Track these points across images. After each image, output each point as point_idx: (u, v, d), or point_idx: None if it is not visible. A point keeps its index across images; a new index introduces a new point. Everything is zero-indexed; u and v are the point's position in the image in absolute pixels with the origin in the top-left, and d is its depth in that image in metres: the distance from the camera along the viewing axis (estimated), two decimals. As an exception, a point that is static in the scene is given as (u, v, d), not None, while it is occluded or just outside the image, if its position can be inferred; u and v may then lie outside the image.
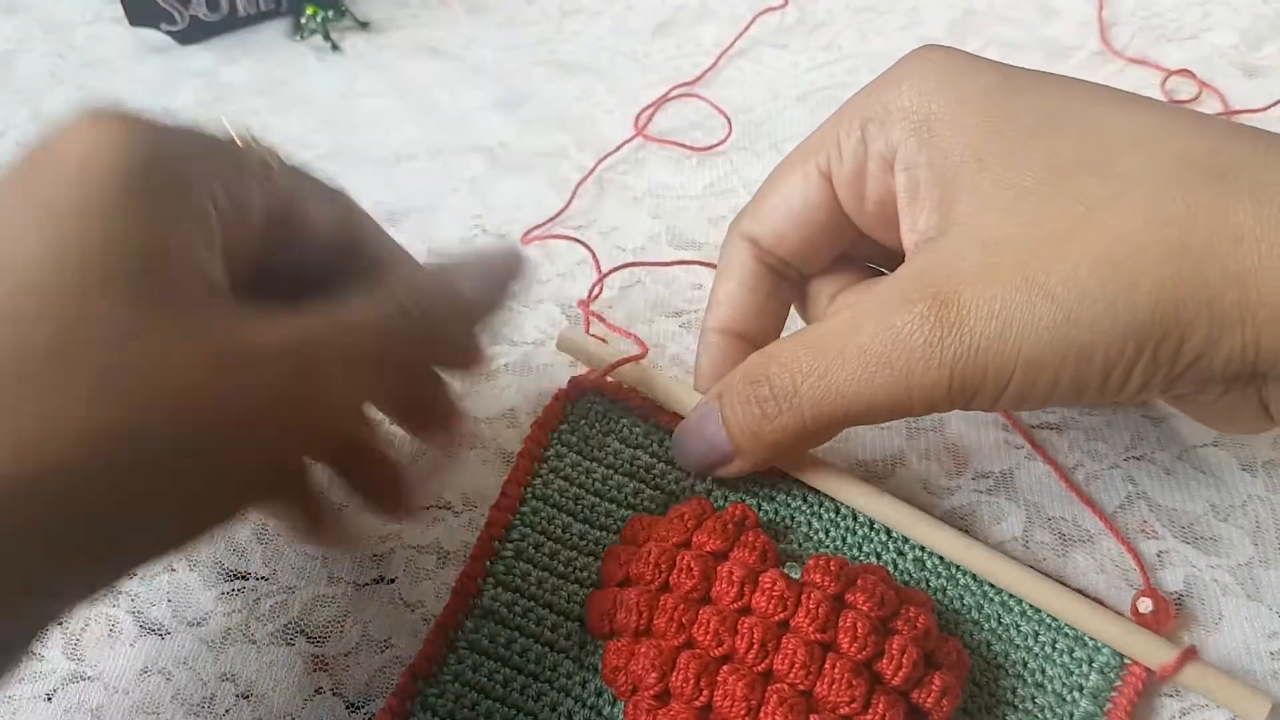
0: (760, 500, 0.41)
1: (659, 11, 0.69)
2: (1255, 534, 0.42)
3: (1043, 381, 0.33)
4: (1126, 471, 0.44)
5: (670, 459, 0.42)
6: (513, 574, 0.39)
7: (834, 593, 0.35)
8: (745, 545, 0.36)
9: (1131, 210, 0.32)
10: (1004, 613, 0.39)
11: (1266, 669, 0.38)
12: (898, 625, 0.35)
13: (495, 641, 0.38)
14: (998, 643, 0.38)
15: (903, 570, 0.39)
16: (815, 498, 0.41)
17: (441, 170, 0.60)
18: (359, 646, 0.40)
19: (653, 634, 0.35)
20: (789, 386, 0.36)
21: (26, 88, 0.67)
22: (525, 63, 0.67)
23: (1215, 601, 0.40)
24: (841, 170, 0.38)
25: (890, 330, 0.33)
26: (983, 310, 0.32)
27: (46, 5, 0.73)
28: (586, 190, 0.58)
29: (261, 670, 0.39)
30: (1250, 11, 0.65)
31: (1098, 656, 0.38)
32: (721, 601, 0.35)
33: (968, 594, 0.39)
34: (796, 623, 0.34)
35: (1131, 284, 0.31)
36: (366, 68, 0.67)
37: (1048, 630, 0.38)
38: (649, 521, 0.39)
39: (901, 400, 0.34)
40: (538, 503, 0.41)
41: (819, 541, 0.40)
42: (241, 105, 0.65)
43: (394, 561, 0.42)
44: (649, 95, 0.63)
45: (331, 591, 0.41)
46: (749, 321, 0.42)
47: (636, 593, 0.35)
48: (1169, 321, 0.31)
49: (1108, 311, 0.31)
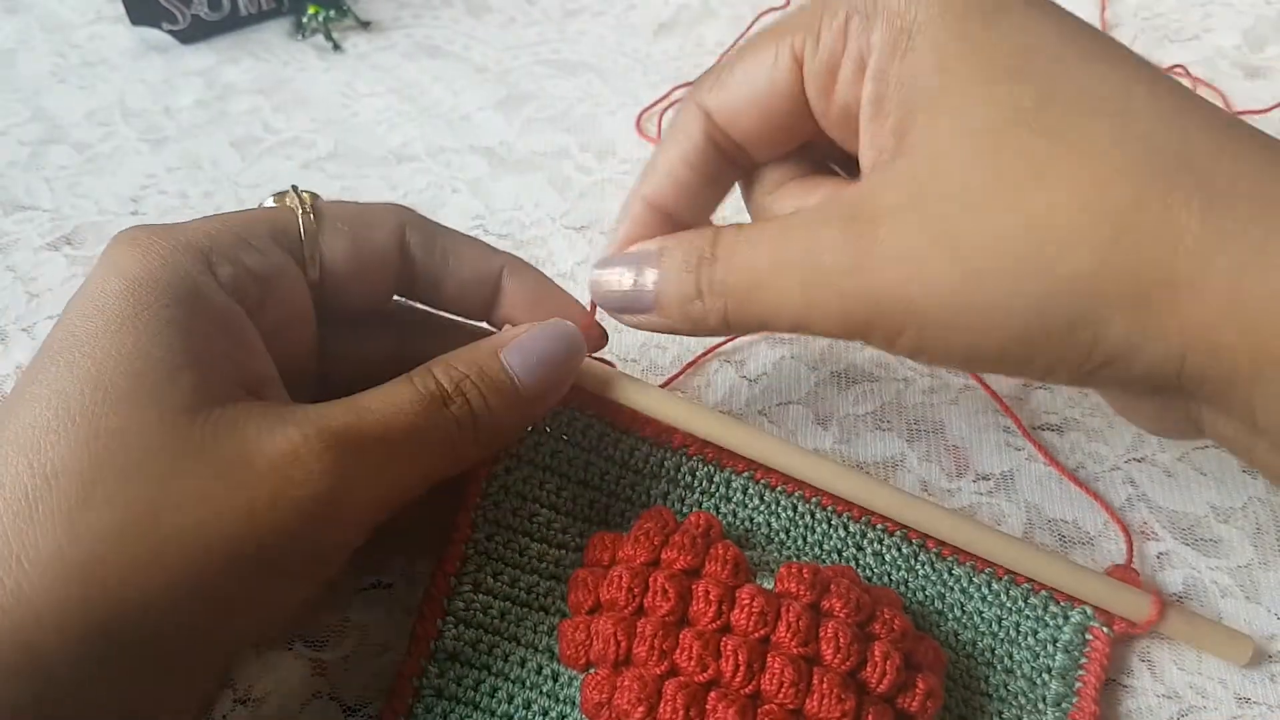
0: (718, 502, 0.39)
1: (661, 11, 0.69)
2: (1255, 536, 0.42)
3: (933, 340, 0.31)
4: (1127, 473, 0.44)
5: (626, 462, 0.40)
6: (473, 609, 0.37)
7: (810, 601, 0.34)
8: (716, 559, 0.34)
9: (1073, 185, 0.29)
10: (965, 600, 0.38)
11: (1265, 671, 0.38)
12: (875, 629, 0.34)
13: (463, 685, 0.36)
14: (964, 631, 0.38)
15: (864, 566, 0.39)
16: (772, 495, 0.39)
17: (443, 170, 0.60)
18: (357, 651, 0.40)
19: (633, 663, 0.33)
20: (724, 272, 0.34)
21: (28, 86, 0.67)
22: (527, 62, 0.67)
23: (1214, 603, 0.40)
24: (814, 61, 0.35)
25: (809, 243, 0.32)
26: (890, 252, 0.31)
27: (48, 4, 0.73)
28: (588, 191, 0.58)
29: (259, 675, 0.39)
30: (1253, 12, 0.65)
31: (1061, 635, 0.37)
32: (700, 622, 0.33)
33: (929, 584, 0.38)
34: (778, 638, 0.33)
35: (1048, 266, 0.29)
36: (368, 67, 0.67)
37: (1010, 614, 0.38)
38: (612, 539, 0.37)
39: (801, 317, 0.33)
40: (491, 527, 0.38)
41: (781, 542, 0.39)
42: (242, 104, 0.65)
43: (392, 565, 0.42)
44: (651, 95, 0.63)
45: (330, 596, 0.41)
46: (682, 199, 0.39)
47: (611, 620, 0.33)
48: (1080, 314, 0.29)
49: (1014, 287, 0.29)
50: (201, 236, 0.34)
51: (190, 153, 0.62)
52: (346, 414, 0.32)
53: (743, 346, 0.50)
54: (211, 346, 0.32)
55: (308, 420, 0.31)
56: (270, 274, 0.35)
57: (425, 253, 0.38)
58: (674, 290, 0.35)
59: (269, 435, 0.30)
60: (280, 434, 0.30)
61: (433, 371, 0.34)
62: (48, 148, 0.63)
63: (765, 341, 0.50)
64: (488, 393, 0.35)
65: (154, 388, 0.30)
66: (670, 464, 0.40)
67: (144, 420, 0.29)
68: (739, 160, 0.39)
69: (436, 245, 0.39)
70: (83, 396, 0.29)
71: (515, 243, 0.55)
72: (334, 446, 0.31)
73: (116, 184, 0.60)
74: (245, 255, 0.34)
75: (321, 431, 0.31)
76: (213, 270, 0.33)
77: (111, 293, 0.31)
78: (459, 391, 0.34)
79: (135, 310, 0.31)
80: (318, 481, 0.30)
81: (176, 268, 0.32)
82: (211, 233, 0.34)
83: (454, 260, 0.39)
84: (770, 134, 0.37)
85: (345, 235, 0.37)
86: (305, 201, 0.37)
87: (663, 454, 0.40)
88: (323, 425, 0.31)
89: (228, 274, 0.34)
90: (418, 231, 0.38)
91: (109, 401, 0.29)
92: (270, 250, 0.35)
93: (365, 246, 0.37)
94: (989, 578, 0.38)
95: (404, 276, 0.39)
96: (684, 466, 0.40)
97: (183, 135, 0.63)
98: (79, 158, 0.62)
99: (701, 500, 0.40)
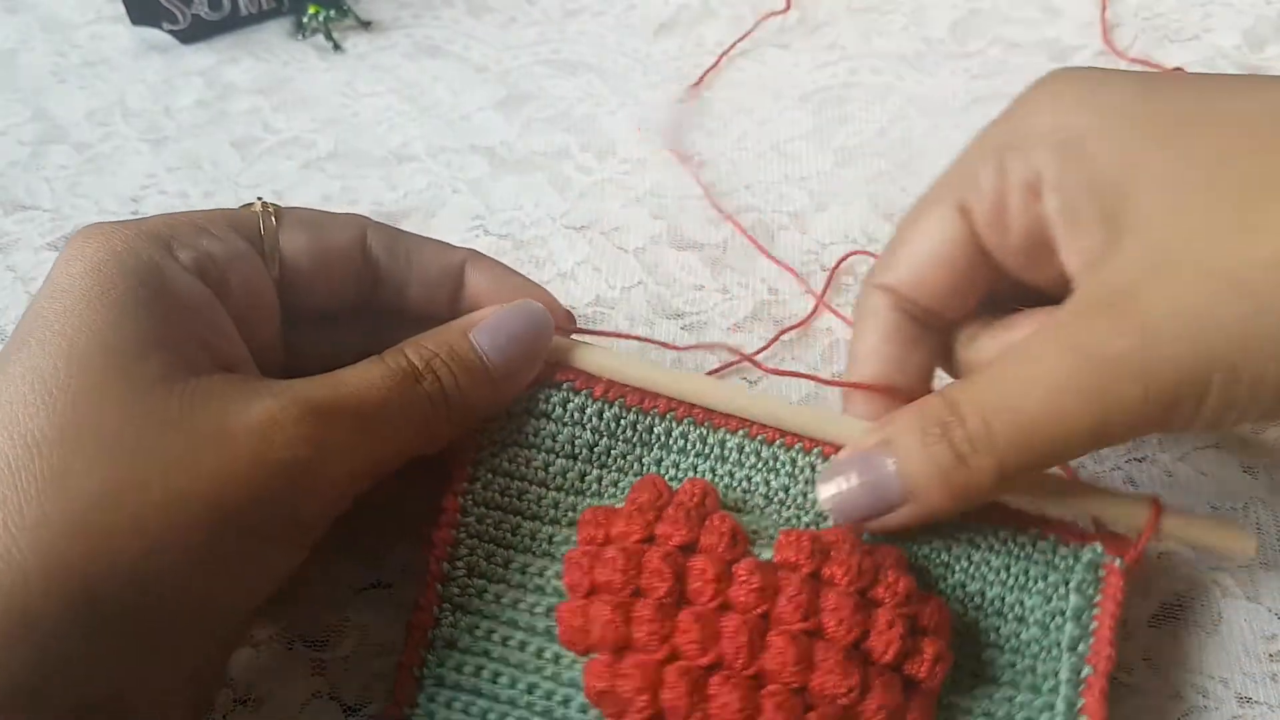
0: (713, 463, 0.38)
1: (661, 11, 0.69)
2: (1256, 536, 0.42)
3: (1246, 385, 0.30)
4: (1128, 473, 0.44)
5: (613, 432, 0.38)
6: (468, 594, 0.37)
7: (810, 570, 0.33)
8: (712, 531, 0.34)
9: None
10: (972, 550, 0.37)
11: (1265, 670, 0.38)
12: (878, 594, 0.33)
13: (464, 672, 0.36)
14: (972, 582, 0.37)
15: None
16: (769, 451, 0.38)
17: (443, 170, 0.60)
18: (357, 650, 0.40)
19: (633, 648, 0.33)
20: (980, 426, 0.32)
21: (28, 86, 0.67)
22: (527, 62, 0.67)
23: (1215, 603, 0.40)
24: (981, 204, 0.36)
25: (1075, 351, 0.31)
26: (1162, 307, 0.30)
27: (48, 4, 0.73)
28: (588, 191, 0.58)
29: (259, 675, 0.39)
30: (1253, 12, 0.64)
31: (1072, 576, 0.36)
32: (699, 601, 0.33)
33: (934, 536, 0.37)
34: (778, 612, 0.32)
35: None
36: (368, 67, 0.67)
37: (1018, 560, 0.37)
38: (605, 515, 0.36)
39: (1099, 425, 0.31)
40: (480, 509, 0.37)
41: (781, 501, 0.38)
42: (242, 104, 0.65)
43: (391, 565, 0.42)
44: (651, 95, 0.63)
45: (329, 596, 0.41)
46: (895, 376, 0.39)
47: (609, 605, 0.33)
48: None
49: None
50: (161, 226, 0.35)
51: (190, 153, 0.62)
52: (322, 387, 0.33)
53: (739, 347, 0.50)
54: (181, 324, 0.33)
55: (285, 392, 0.32)
56: (230, 258, 0.36)
57: (388, 254, 0.39)
58: (927, 469, 0.33)
59: (246, 404, 0.31)
60: (258, 403, 0.31)
61: (404, 350, 0.35)
62: (48, 147, 0.63)
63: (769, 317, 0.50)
64: (458, 371, 0.35)
65: (128, 361, 0.30)
66: (660, 429, 0.39)
67: (121, 391, 0.30)
68: (931, 323, 0.39)
69: (399, 246, 0.40)
70: (57, 371, 0.30)
71: (515, 242, 0.55)
72: (311, 415, 0.32)
73: (117, 184, 0.60)
74: (205, 241, 0.35)
75: (298, 400, 0.32)
76: (174, 255, 0.34)
77: (76, 273, 0.32)
78: (429, 369, 0.35)
79: (102, 288, 0.32)
80: (297, 447, 0.31)
81: (138, 252, 0.33)
82: (171, 223, 0.35)
83: (416, 258, 0.40)
84: (956, 287, 0.38)
85: (304, 233, 0.38)
86: (268, 207, 0.38)
87: (650, 419, 0.39)
88: (300, 396, 0.32)
89: (189, 258, 0.34)
90: (379, 234, 0.39)
91: (85, 374, 0.30)
92: (229, 237, 0.36)
93: (325, 244, 0.38)
94: (995, 527, 0.37)
95: (366, 279, 0.39)
96: (675, 430, 0.39)
97: (183, 135, 0.63)
98: (79, 158, 0.62)
99: (696, 464, 0.38)
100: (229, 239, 0.36)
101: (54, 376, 0.30)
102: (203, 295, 0.34)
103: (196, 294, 0.34)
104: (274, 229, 0.37)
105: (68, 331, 0.31)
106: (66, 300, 0.31)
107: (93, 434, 0.29)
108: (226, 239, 0.36)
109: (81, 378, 0.30)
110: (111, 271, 0.32)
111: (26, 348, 0.31)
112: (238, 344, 0.35)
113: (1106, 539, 0.36)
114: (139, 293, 0.32)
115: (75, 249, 0.33)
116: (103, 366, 0.30)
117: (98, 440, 0.29)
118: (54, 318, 0.31)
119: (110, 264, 0.32)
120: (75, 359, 0.30)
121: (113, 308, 0.31)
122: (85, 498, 0.28)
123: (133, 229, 0.34)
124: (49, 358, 0.30)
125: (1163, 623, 0.40)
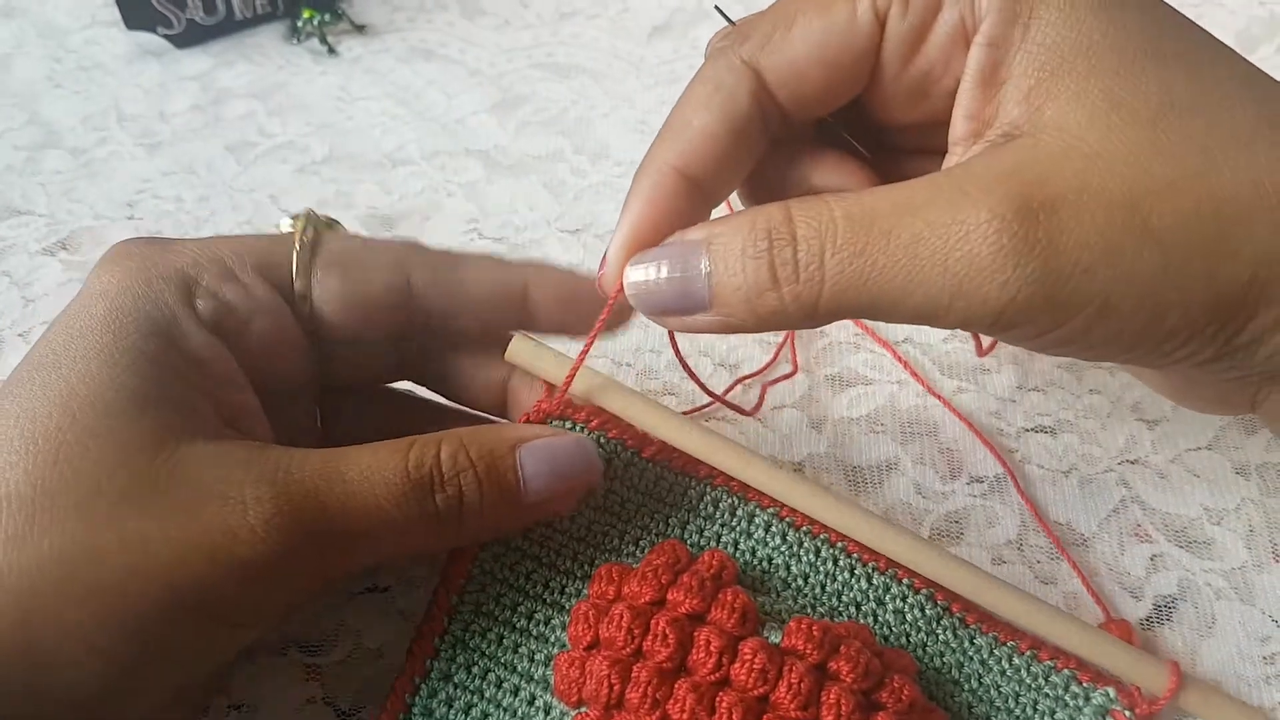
0: (738, 536, 0.38)
1: (655, 14, 0.69)
2: (1249, 538, 0.42)
3: (1101, 332, 0.30)
4: (1120, 475, 0.44)
5: (649, 490, 0.38)
6: (471, 632, 0.36)
7: (816, 661, 0.32)
8: (724, 606, 0.33)
9: (1243, 171, 0.29)
10: (984, 672, 0.37)
11: (1259, 674, 0.38)
12: (883, 698, 0.32)
13: (454, 708, 0.35)
14: (979, 705, 0.36)
15: (883, 623, 0.37)
16: (795, 536, 0.38)
17: (437, 174, 0.60)
18: (352, 655, 0.40)
19: (625, 708, 0.32)
20: (815, 255, 0.30)
21: (24, 91, 0.67)
22: (521, 66, 0.67)
23: (1209, 605, 0.40)
24: (902, 23, 0.32)
25: (959, 225, 0.29)
26: (1078, 237, 0.28)
27: (43, 9, 0.73)
28: (583, 194, 0.58)
29: (254, 680, 0.39)
30: (1245, 13, 0.65)
31: (1079, 718, 0.36)
32: (699, 672, 0.32)
33: (948, 651, 0.37)
34: (777, 698, 0.31)
35: (1234, 251, 0.28)
36: (362, 71, 0.67)
37: (1028, 691, 0.36)
38: (620, 572, 0.35)
39: (938, 308, 0.30)
40: (499, 547, 0.37)
41: (798, 589, 0.37)
42: (237, 109, 0.65)
43: (386, 570, 0.42)
44: (645, 98, 0.63)
45: (325, 601, 0.41)
46: (715, 169, 0.34)
47: (607, 661, 0.32)
48: (1251, 298, 0.29)
49: (1205, 274, 0.28)
50: (188, 265, 0.34)
51: (185, 157, 0.62)
52: (317, 477, 0.31)
53: (737, 347, 0.50)
54: (185, 380, 0.32)
55: (273, 476, 0.30)
56: (253, 310, 0.35)
57: (434, 290, 0.37)
58: (737, 281, 0.31)
59: (224, 485, 0.30)
60: (236, 487, 0.30)
61: (440, 448, 0.33)
62: (43, 153, 0.63)
63: (757, 344, 0.50)
64: (488, 489, 0.33)
65: (120, 422, 0.30)
66: (694, 492, 0.38)
67: (104, 453, 0.29)
68: (771, 126, 0.35)
69: (447, 281, 0.37)
70: (50, 419, 0.30)
71: (510, 246, 0.56)
72: (287, 513, 0.30)
73: (112, 189, 0.60)
74: (228, 290, 0.34)
75: (280, 495, 0.30)
76: (193, 302, 0.34)
77: (97, 316, 0.32)
78: (453, 480, 0.32)
79: (114, 339, 0.31)
80: (262, 544, 0.29)
81: (159, 300, 0.33)
82: (198, 261, 0.34)
83: (468, 290, 0.37)
84: (825, 98, 0.35)
85: (340, 278, 0.36)
86: (309, 233, 0.36)
87: (687, 482, 0.38)
88: (285, 486, 0.30)
89: (208, 308, 0.34)
90: (424, 270, 0.37)
91: (74, 429, 0.29)
92: (255, 284, 0.35)
93: (360, 290, 0.36)
94: (1010, 651, 0.37)
95: (409, 316, 0.37)
96: (707, 496, 0.38)
97: (178, 140, 0.63)
98: (74, 162, 0.62)
99: (721, 533, 0.38)
100: (255, 288, 0.35)
101: (44, 424, 0.29)
102: (213, 349, 0.34)
103: (207, 348, 0.33)
104: (307, 265, 0.36)
105: (71, 379, 0.30)
106: (80, 345, 0.31)
107: (65, 495, 0.29)
108: (253, 287, 0.35)
109: (71, 433, 0.29)
110: (128, 322, 0.32)
111: (30, 385, 0.30)
112: (246, 394, 0.35)
113: (1120, 686, 0.36)
114: (149, 346, 0.32)
115: (104, 280, 0.33)
116: (93, 426, 0.30)
117: (68, 503, 0.29)
118: (64, 360, 0.31)
119: (129, 314, 0.32)
120: (71, 411, 0.30)
121: (119, 363, 0.31)
122: (41, 562, 0.28)
123: (162, 267, 0.34)
124: (46, 403, 0.30)
125: (1156, 625, 0.40)
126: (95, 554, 0.28)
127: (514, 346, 0.38)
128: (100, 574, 0.28)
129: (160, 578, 0.29)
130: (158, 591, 0.29)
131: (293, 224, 0.37)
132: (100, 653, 0.28)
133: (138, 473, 0.29)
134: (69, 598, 0.28)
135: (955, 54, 0.32)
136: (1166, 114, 0.29)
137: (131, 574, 0.28)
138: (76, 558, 0.28)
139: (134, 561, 0.28)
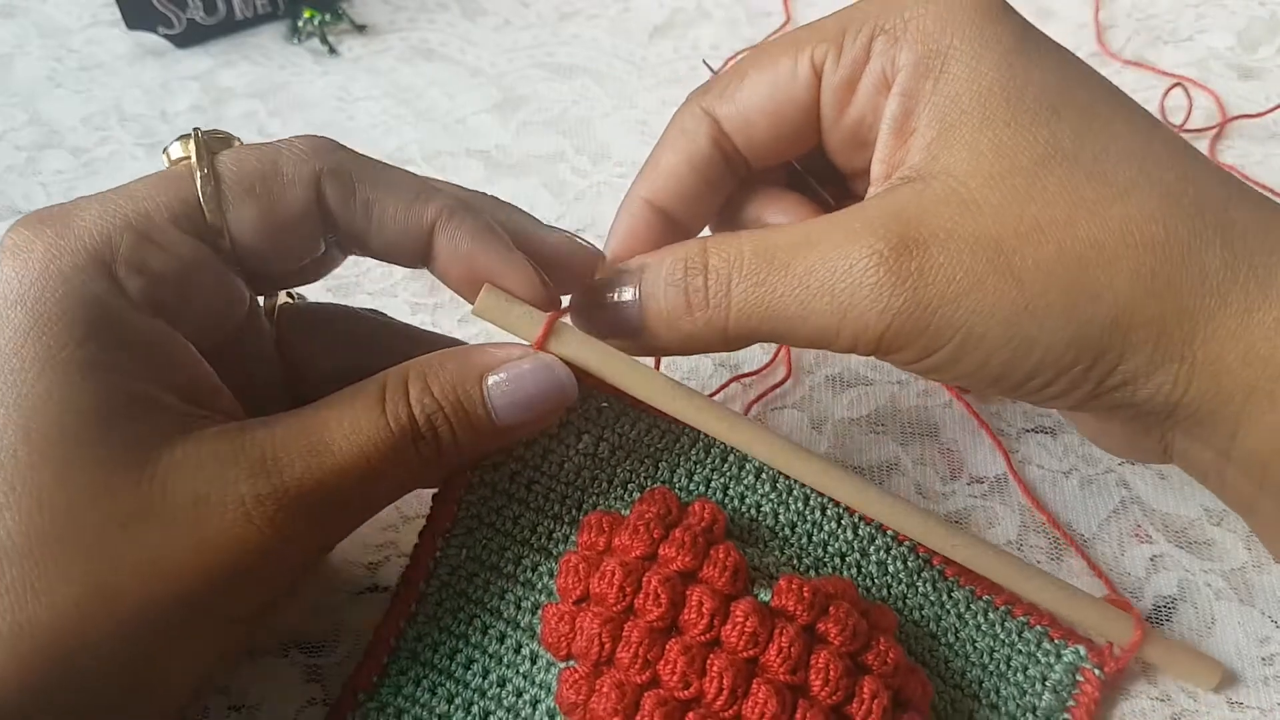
0: (727, 481, 0.38)
1: (655, 15, 0.69)
2: (1248, 538, 0.42)
3: (970, 361, 0.32)
4: (1120, 476, 0.44)
5: (633, 435, 0.38)
6: (457, 576, 0.36)
7: (806, 623, 0.33)
8: (715, 563, 0.33)
9: (1113, 221, 0.31)
10: (960, 625, 0.37)
11: (1258, 674, 0.38)
12: (869, 660, 0.33)
13: (439, 652, 0.36)
14: (955, 659, 0.37)
15: (866, 574, 0.38)
16: (784, 484, 0.38)
17: (438, 173, 0.60)
18: (352, 656, 0.40)
19: (615, 666, 0.32)
20: (723, 284, 0.33)
21: (24, 91, 0.67)
22: (522, 65, 0.67)
23: (1208, 606, 0.40)
24: (834, 75, 0.36)
25: (844, 259, 0.32)
26: (945, 273, 0.31)
27: (44, 8, 0.73)
28: (584, 194, 0.58)
29: (254, 682, 0.39)
30: (1246, 13, 0.65)
31: (1051, 674, 0.37)
32: (690, 632, 0.32)
33: (927, 604, 0.38)
34: (767, 660, 0.31)
35: (1095, 294, 0.31)
36: (363, 71, 0.67)
37: (1002, 646, 0.37)
38: (610, 522, 0.35)
39: (829, 333, 0.33)
40: (485, 489, 0.37)
41: (785, 538, 0.38)
42: (238, 109, 0.65)
43: (387, 570, 0.42)
44: (646, 98, 0.64)
45: (326, 601, 0.41)
46: (682, 203, 0.39)
47: (598, 619, 0.32)
48: (1116, 340, 0.31)
49: (1064, 313, 0.31)
50: (100, 239, 0.30)
51: (186, 157, 0.62)
52: (305, 455, 0.31)
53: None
54: (136, 377, 0.30)
55: (262, 467, 0.30)
56: (180, 270, 0.32)
57: (344, 208, 0.34)
58: (659, 306, 0.35)
59: (218, 490, 0.30)
60: (231, 489, 0.30)
61: (408, 395, 0.33)
62: (44, 152, 0.63)
63: (759, 345, 0.50)
64: (460, 428, 0.33)
65: (89, 448, 0.29)
66: (683, 442, 0.38)
67: (89, 479, 0.29)
68: (734, 169, 0.39)
69: (356, 199, 0.34)
70: (17, 458, 0.28)
71: (510, 246, 0.56)
72: (287, 504, 0.30)
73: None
74: (151, 258, 0.31)
75: (276, 488, 0.30)
76: (121, 286, 0.31)
77: (20, 328, 0.29)
78: (430, 427, 0.33)
79: (50, 353, 0.29)
80: (269, 541, 0.30)
81: (83, 293, 0.30)
82: (111, 232, 0.31)
83: (377, 213, 0.34)
84: (777, 144, 0.38)
85: (253, 205, 0.33)
86: (204, 159, 0.32)
87: (680, 428, 0.38)
88: (279, 476, 0.30)
89: (138, 287, 0.31)
90: (335, 183, 0.33)
91: (46, 462, 0.28)
92: (174, 241, 0.32)
93: (277, 212, 0.33)
94: (986, 605, 0.38)
95: (328, 229, 0.35)
96: (700, 443, 0.38)
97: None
98: (75, 162, 0.62)
99: (711, 478, 0.38)
100: (177, 245, 0.32)
101: (13, 464, 0.28)
102: (155, 331, 0.31)
103: (149, 332, 0.31)
104: (215, 197, 0.32)
105: (24, 409, 0.28)
106: (15, 366, 0.29)
107: (63, 540, 0.28)
108: (174, 246, 0.32)
109: (44, 467, 0.28)
110: (58, 330, 0.29)
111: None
112: (200, 366, 0.33)
113: (1090, 643, 0.37)
114: (91, 352, 0.29)
115: (12, 280, 0.30)
116: (65, 457, 0.28)
117: (70, 545, 0.28)
118: (4, 389, 0.28)
119: (54, 316, 0.29)
120: (34, 443, 0.28)
121: (65, 380, 0.29)
122: (61, 608, 0.28)
123: (71, 251, 0.30)
124: (8, 442, 0.28)
125: (1156, 625, 0.40)
126: (110, 589, 0.28)
127: (483, 301, 0.35)
128: (118, 608, 0.28)
129: (178, 595, 0.29)
130: (177, 609, 0.29)
131: (182, 149, 0.33)
132: (123, 674, 0.29)
133: (126, 497, 0.29)
134: (89, 641, 0.28)
135: (880, 103, 0.35)
136: (1048, 163, 0.32)
137: (149, 603, 0.29)
138: (93, 599, 0.28)
139: (150, 590, 0.29)
